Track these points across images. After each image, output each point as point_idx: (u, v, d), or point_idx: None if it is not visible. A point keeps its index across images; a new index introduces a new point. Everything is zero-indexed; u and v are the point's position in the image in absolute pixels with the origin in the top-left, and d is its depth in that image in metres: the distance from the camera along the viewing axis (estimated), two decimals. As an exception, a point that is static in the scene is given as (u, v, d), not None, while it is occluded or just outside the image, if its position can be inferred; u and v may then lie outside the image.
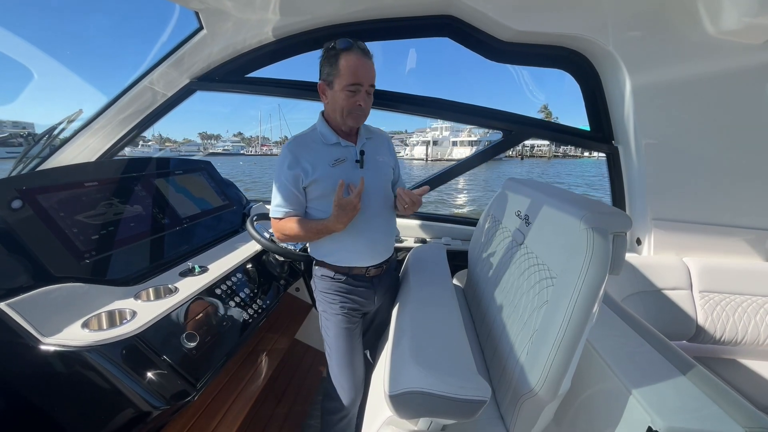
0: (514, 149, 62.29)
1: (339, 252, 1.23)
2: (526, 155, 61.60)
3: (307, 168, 1.15)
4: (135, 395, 0.89)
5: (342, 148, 1.20)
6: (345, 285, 1.26)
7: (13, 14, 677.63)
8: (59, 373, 0.87)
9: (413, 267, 1.45)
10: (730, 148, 1.60)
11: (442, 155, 52.94)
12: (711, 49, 1.44)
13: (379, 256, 1.27)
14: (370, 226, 1.21)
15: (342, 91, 1.10)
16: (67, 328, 0.91)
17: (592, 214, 0.82)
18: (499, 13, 1.49)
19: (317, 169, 1.15)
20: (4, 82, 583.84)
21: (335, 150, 1.19)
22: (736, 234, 1.70)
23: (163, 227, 1.44)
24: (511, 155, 59.56)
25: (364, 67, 1.09)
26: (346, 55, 1.08)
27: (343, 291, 1.26)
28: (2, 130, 1.71)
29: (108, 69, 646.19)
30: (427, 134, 58.92)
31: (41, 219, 1.06)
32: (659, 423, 0.71)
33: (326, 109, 1.21)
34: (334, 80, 1.10)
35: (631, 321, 1.10)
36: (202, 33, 1.58)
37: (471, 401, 0.76)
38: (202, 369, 1.04)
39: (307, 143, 1.18)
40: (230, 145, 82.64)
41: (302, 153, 1.16)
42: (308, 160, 1.15)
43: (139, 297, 1.09)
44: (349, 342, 1.26)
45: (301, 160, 1.15)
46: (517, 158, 58.97)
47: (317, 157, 1.16)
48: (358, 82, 1.09)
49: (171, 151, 38.09)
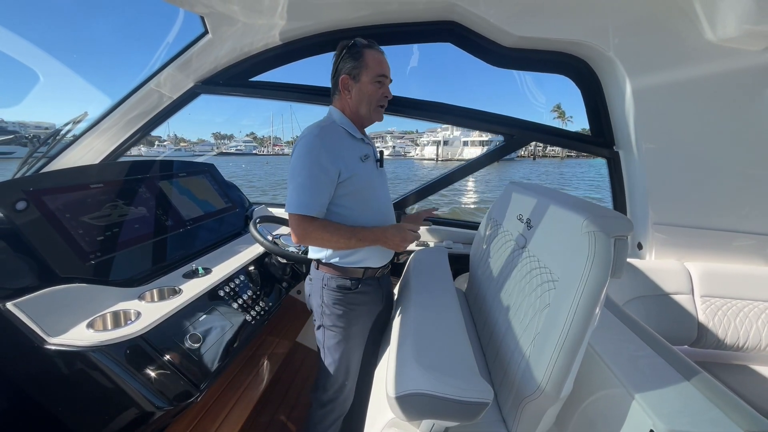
0: (526, 149, 61.55)
1: (356, 252, 1.16)
2: (539, 155, 60.68)
3: (348, 161, 1.09)
4: (139, 395, 0.89)
5: (365, 144, 1.20)
6: (358, 296, 1.18)
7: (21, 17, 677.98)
8: (64, 372, 0.88)
9: (415, 270, 1.45)
10: (731, 153, 1.60)
11: (453, 155, 52.77)
12: (711, 54, 1.45)
13: (389, 254, 1.27)
14: (385, 224, 1.21)
15: (371, 83, 1.12)
16: (73, 329, 0.92)
17: (594, 217, 0.82)
18: (501, 19, 1.51)
19: (352, 162, 1.10)
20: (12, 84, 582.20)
21: (361, 146, 1.18)
22: (737, 239, 1.71)
23: (166, 229, 1.45)
24: (524, 155, 58.95)
25: (383, 60, 1.15)
26: (370, 50, 1.12)
27: (356, 303, 1.18)
28: (27, 131, 1.74)
29: (113, 73, 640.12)
30: (438, 134, 58.83)
31: (47, 220, 1.07)
32: (661, 426, 0.72)
33: (348, 104, 1.16)
34: (361, 73, 1.11)
35: (633, 325, 1.10)
36: (207, 37, 1.60)
37: (473, 403, 0.76)
38: (205, 370, 1.04)
39: (337, 134, 1.12)
40: (243, 145, 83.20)
41: (336, 145, 1.08)
42: (344, 152, 1.09)
43: (143, 298, 1.10)
44: (355, 355, 1.23)
45: (340, 151, 1.08)
46: (530, 158, 58.30)
47: (350, 150, 1.12)
48: (384, 74, 1.13)
49: (186, 151, 38.17)
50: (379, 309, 1.29)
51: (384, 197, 1.25)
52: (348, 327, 1.19)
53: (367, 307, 1.23)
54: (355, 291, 1.18)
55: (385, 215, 1.24)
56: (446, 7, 1.55)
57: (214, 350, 1.10)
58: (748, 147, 1.58)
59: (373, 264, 1.20)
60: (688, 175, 1.66)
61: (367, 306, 1.23)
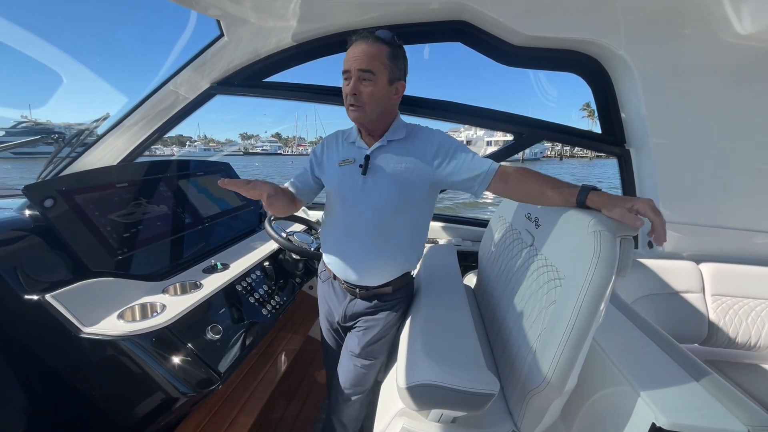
0: (552, 149, 59.11)
1: (326, 251, 1.22)
2: (566, 155, 58.24)
3: (322, 160, 1.17)
4: (165, 382, 0.95)
5: (355, 148, 1.11)
6: (325, 287, 1.30)
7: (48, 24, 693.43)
8: (97, 359, 0.95)
9: (425, 267, 1.49)
10: (743, 152, 1.59)
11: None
12: (724, 50, 1.44)
13: (353, 275, 1.13)
14: (349, 240, 1.12)
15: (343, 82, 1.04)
16: (105, 319, 0.99)
17: (600, 217, 0.84)
18: (511, 18, 1.51)
19: (329, 165, 1.15)
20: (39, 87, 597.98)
21: (350, 149, 1.12)
22: (749, 237, 1.69)
23: (186, 226, 1.52)
24: (550, 155, 56.73)
25: (353, 51, 0.98)
26: (349, 47, 1.01)
27: (322, 293, 1.33)
28: (70, 131, 1.84)
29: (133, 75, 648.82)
30: (461, 134, 58.36)
31: (79, 218, 1.15)
32: (663, 420, 0.74)
33: None
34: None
35: (639, 323, 1.11)
36: (222, 39, 1.65)
37: (480, 394, 0.80)
38: (225, 360, 1.10)
39: (337, 137, 1.18)
40: (268, 146, 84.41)
41: (328, 145, 1.18)
42: (328, 153, 1.17)
43: (167, 291, 1.17)
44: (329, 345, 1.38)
45: (325, 150, 1.17)
46: (556, 158, 56.04)
47: (334, 153, 1.15)
48: (346, 69, 1.00)
49: (215, 151, 38.89)
50: (335, 318, 1.35)
51: (354, 208, 1.10)
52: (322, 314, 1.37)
53: (332, 303, 1.33)
54: (324, 282, 1.33)
55: (346, 226, 1.11)
56: (456, 7, 1.56)
57: (233, 341, 1.17)
58: (759, 145, 1.56)
59: (335, 270, 1.20)
60: (699, 174, 1.64)
61: (333, 303, 1.32)
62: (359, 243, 1.11)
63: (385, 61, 0.98)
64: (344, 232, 1.13)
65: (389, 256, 1.12)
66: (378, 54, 0.98)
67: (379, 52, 0.98)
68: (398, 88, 1.05)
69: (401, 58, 1.03)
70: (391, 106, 1.06)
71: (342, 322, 1.26)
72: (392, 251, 1.12)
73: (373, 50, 0.97)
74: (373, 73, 0.98)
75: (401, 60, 1.03)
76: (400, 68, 1.03)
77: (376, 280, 1.14)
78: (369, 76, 0.98)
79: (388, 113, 1.08)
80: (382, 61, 0.98)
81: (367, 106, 1.01)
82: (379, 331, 1.19)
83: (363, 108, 1.01)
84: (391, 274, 1.15)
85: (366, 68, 0.97)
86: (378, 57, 0.98)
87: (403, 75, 1.05)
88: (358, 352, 1.21)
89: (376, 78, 0.98)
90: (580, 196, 0.89)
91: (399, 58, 1.02)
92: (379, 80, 0.99)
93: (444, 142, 1.07)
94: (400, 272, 1.17)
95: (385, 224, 1.08)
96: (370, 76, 0.98)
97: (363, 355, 1.21)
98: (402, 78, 1.05)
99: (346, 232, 1.12)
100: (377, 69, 0.98)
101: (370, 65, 0.97)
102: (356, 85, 0.99)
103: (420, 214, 1.13)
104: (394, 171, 1.06)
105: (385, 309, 1.19)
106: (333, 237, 1.17)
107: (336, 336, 1.36)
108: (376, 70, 0.98)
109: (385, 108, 1.04)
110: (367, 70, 0.97)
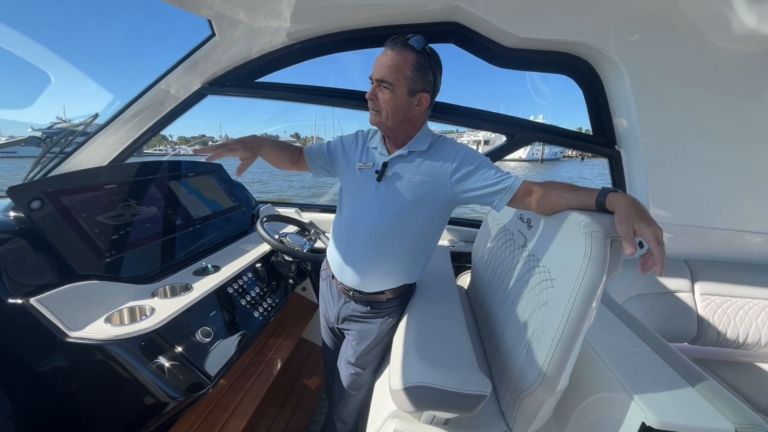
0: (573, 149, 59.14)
1: (330, 247, 1.25)
2: (587, 155, 57.57)
3: (348, 152, 1.18)
4: (154, 386, 0.94)
5: (377, 153, 1.11)
6: (324, 285, 1.32)
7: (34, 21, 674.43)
8: (84, 364, 0.93)
9: None
10: (732, 153, 1.61)
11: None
12: (713, 53, 1.46)
13: (348, 277, 1.14)
14: (350, 242, 1.14)
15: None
16: (92, 323, 0.97)
17: (591, 219, 0.85)
18: (503, 20, 1.52)
19: (349, 164, 1.16)
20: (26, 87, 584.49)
21: (372, 154, 1.13)
22: (737, 237, 1.72)
23: (177, 228, 1.50)
24: (570, 155, 55.85)
25: (380, 59, 0.99)
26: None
27: (322, 291, 1.34)
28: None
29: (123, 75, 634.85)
30: (479, 134, 58.42)
31: (66, 220, 1.12)
32: (652, 419, 0.75)
33: None
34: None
35: (630, 323, 1.13)
36: (214, 39, 1.63)
37: (472, 396, 0.80)
38: (216, 363, 1.09)
39: (364, 137, 1.19)
40: None
41: (356, 142, 1.19)
42: (354, 149, 1.18)
43: (156, 294, 1.15)
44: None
45: (353, 145, 1.18)
46: (577, 158, 55.24)
47: (357, 153, 1.16)
48: (372, 74, 1.02)
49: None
50: (331, 316, 1.37)
51: (361, 211, 1.10)
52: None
53: (328, 301, 1.36)
54: (324, 280, 1.36)
55: (350, 227, 1.13)
56: (448, 9, 1.57)
57: (224, 344, 1.15)
58: (748, 147, 1.59)
59: (333, 270, 1.23)
60: (688, 175, 1.67)
61: (329, 301, 1.36)
62: (359, 247, 1.11)
63: (407, 72, 0.96)
64: (347, 233, 1.15)
65: (387, 266, 1.12)
66: (402, 64, 0.96)
67: (404, 61, 0.96)
68: (421, 100, 1.01)
69: (429, 69, 0.99)
70: (413, 116, 1.04)
71: (336, 323, 1.28)
72: (391, 261, 1.11)
73: (398, 59, 0.96)
74: (391, 84, 0.98)
75: (428, 71, 0.99)
76: (427, 80, 1.00)
77: (370, 287, 1.14)
78: (387, 85, 0.98)
79: (410, 123, 1.06)
80: (404, 72, 0.96)
81: (384, 112, 1.01)
82: (373, 341, 1.20)
83: (380, 113, 1.02)
84: (387, 284, 1.14)
85: (383, 79, 0.98)
86: (401, 67, 0.96)
87: (429, 86, 1.01)
88: (353, 360, 1.24)
89: (395, 88, 0.98)
90: (600, 198, 0.86)
91: (427, 68, 0.98)
92: (398, 90, 0.98)
93: (468, 156, 1.04)
94: (397, 283, 1.15)
95: (387, 233, 1.07)
96: (388, 86, 0.98)
97: (358, 363, 1.25)
98: (427, 90, 1.01)
99: (349, 234, 1.14)
100: (396, 80, 0.97)
101: (389, 77, 0.97)
102: (374, 90, 1.01)
103: (428, 229, 1.11)
104: (408, 182, 1.04)
105: (379, 316, 1.18)
106: (337, 235, 1.21)
107: (333, 335, 1.40)
108: (395, 82, 0.97)
109: (405, 117, 1.03)
110: (383, 81, 0.98)
